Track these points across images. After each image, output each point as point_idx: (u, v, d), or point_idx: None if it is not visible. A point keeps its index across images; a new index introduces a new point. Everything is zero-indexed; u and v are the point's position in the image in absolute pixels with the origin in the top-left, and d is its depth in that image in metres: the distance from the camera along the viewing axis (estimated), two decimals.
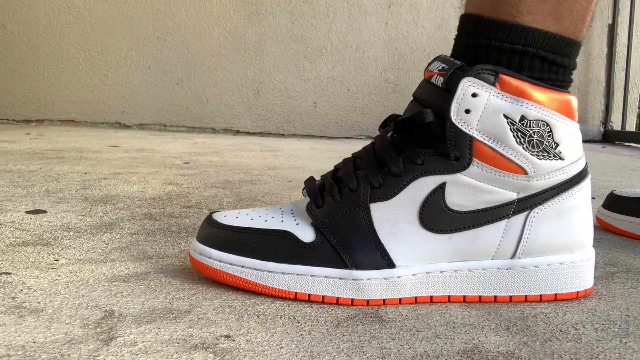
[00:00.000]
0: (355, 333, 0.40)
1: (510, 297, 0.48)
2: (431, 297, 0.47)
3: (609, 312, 0.45)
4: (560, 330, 0.41)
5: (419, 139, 0.47)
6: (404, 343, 0.38)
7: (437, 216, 0.46)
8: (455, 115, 0.45)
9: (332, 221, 0.47)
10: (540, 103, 0.45)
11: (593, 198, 0.98)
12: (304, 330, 0.40)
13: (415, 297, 0.47)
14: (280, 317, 0.42)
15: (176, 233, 0.65)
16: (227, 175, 1.10)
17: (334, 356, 0.36)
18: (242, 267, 0.46)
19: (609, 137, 2.30)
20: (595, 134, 2.32)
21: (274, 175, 1.14)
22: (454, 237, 0.46)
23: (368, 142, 0.57)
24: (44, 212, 0.73)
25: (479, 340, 0.39)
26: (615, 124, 2.31)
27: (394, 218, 0.46)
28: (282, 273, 0.46)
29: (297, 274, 0.46)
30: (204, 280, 0.49)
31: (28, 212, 0.72)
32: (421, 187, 0.46)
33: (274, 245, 0.47)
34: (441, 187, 0.46)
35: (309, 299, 0.46)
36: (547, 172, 0.46)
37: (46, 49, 2.28)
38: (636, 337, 0.41)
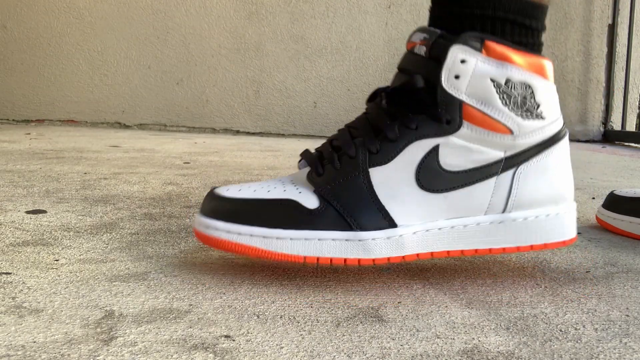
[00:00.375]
0: (355, 333, 0.40)
1: (504, 248, 0.51)
2: (432, 252, 0.50)
3: (609, 312, 0.45)
4: (560, 330, 0.41)
5: (411, 106, 0.49)
6: (404, 343, 0.38)
7: (432, 177, 0.49)
8: (446, 81, 0.48)
9: (334, 187, 0.49)
10: (521, 66, 0.48)
11: (593, 198, 0.98)
12: (304, 330, 0.40)
13: (418, 254, 0.50)
14: (280, 317, 0.42)
15: (176, 233, 0.65)
16: (227, 175, 1.10)
17: (334, 356, 0.36)
18: (251, 235, 0.48)
19: (609, 137, 2.30)
20: (595, 134, 2.32)
21: (274, 175, 1.14)
22: (449, 195, 0.49)
23: None
24: (44, 212, 0.73)
25: (479, 340, 0.39)
26: (615, 124, 2.31)
27: (393, 181, 0.49)
28: (291, 239, 0.48)
29: (305, 239, 0.48)
30: (204, 280, 0.49)
31: (28, 212, 0.72)
32: (416, 151, 0.49)
33: (280, 213, 0.48)
34: (435, 150, 0.49)
35: (317, 262, 0.48)
36: (530, 131, 0.50)
37: (46, 49, 2.28)
38: (636, 337, 0.41)
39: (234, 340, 0.38)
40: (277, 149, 1.71)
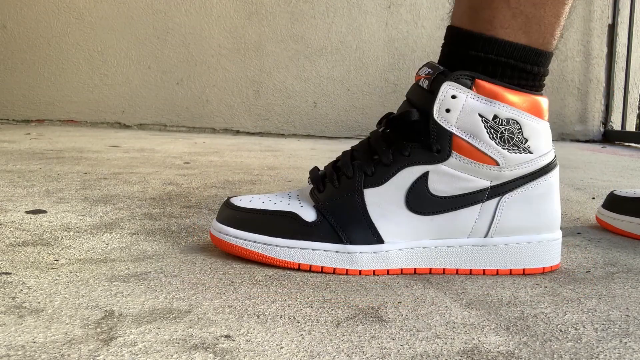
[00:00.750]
0: (355, 333, 0.40)
1: (484, 270, 0.54)
2: (415, 269, 0.54)
3: (609, 312, 0.45)
4: (560, 330, 0.41)
5: (407, 134, 0.53)
6: (404, 343, 0.38)
7: (421, 200, 0.53)
8: (437, 113, 0.52)
9: (331, 204, 0.54)
10: (511, 104, 0.52)
11: (593, 198, 0.98)
12: (304, 330, 0.40)
13: (401, 269, 0.54)
14: (280, 317, 0.42)
15: (176, 233, 0.65)
16: (227, 175, 1.10)
17: (334, 356, 0.36)
18: (254, 242, 0.54)
19: (609, 137, 2.30)
20: (595, 134, 2.32)
21: (274, 175, 1.14)
22: (435, 218, 0.53)
23: None
24: (44, 212, 0.73)
25: (479, 340, 0.39)
26: (615, 124, 2.31)
27: (384, 201, 0.53)
28: (288, 247, 0.53)
29: (301, 248, 0.53)
30: (204, 280, 0.49)
31: (28, 212, 0.72)
32: (407, 175, 0.53)
33: (281, 224, 0.54)
34: (425, 176, 0.53)
35: (310, 270, 0.53)
36: (516, 164, 0.53)
37: (46, 49, 2.28)
38: (636, 337, 0.41)
39: (234, 340, 0.38)
40: (277, 149, 1.71)
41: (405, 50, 2.27)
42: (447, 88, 0.51)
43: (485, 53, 0.52)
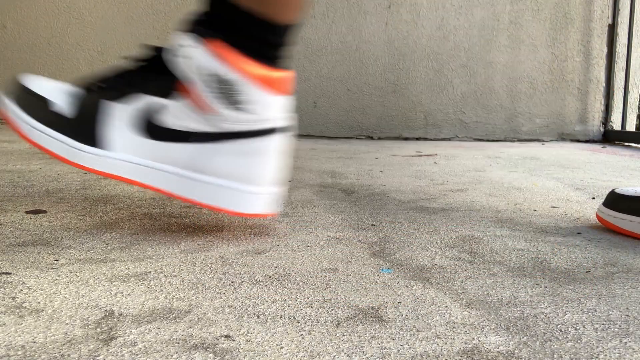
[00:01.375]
0: (355, 333, 0.40)
1: (187, 199, 0.63)
2: (134, 181, 0.63)
3: (609, 312, 0.45)
4: (560, 330, 0.41)
5: (148, 70, 0.63)
6: (404, 343, 0.38)
7: (147, 126, 0.62)
8: (170, 56, 0.61)
9: (86, 103, 0.64)
10: (238, 68, 0.59)
11: (593, 198, 0.98)
12: (304, 330, 0.40)
13: (121, 177, 0.63)
14: (280, 317, 0.42)
15: (176, 233, 0.65)
16: None
17: (334, 356, 0.36)
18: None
19: (609, 137, 2.30)
20: (595, 134, 2.32)
21: None
22: (156, 144, 0.63)
23: (368, 141, 0.64)
24: (44, 212, 0.73)
25: (479, 340, 0.39)
26: (615, 124, 2.31)
27: (118, 118, 0.63)
28: (32, 127, 0.65)
29: (43, 133, 0.65)
30: (204, 280, 0.49)
31: (28, 212, 0.72)
32: (139, 102, 0.63)
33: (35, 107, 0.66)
34: (153, 106, 0.62)
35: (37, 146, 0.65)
36: (234, 121, 0.61)
37: (46, 49, 2.28)
38: (636, 337, 0.41)
39: (234, 340, 0.38)
40: None
41: (405, 50, 2.27)
42: (182, 39, 0.60)
43: (220, 16, 0.60)
